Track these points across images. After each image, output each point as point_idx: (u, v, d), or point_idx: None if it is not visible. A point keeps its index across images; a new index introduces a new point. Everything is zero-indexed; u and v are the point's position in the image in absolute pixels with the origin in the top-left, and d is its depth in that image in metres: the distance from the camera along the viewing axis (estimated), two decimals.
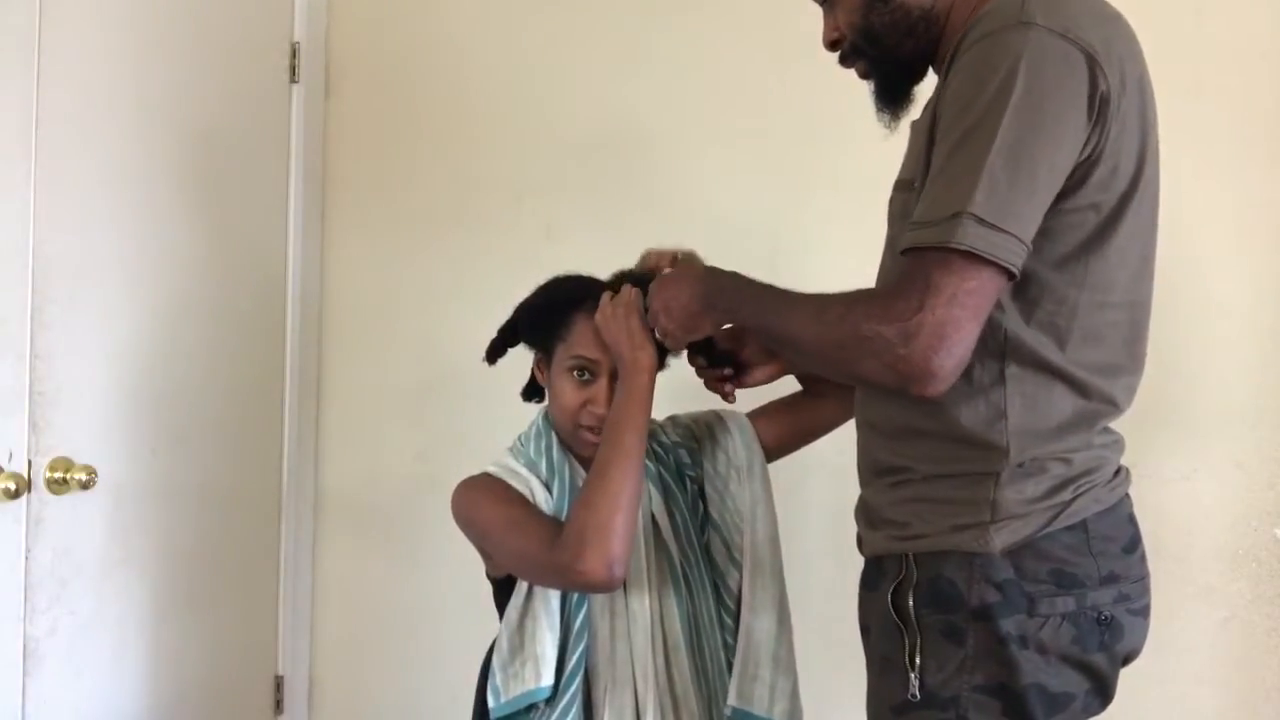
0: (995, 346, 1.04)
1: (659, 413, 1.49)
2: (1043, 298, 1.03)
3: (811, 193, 1.96)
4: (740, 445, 1.40)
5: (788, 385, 1.44)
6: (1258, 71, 1.74)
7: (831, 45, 1.22)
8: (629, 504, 1.22)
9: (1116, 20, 1.07)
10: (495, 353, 1.41)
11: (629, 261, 1.40)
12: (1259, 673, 1.74)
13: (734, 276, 1.20)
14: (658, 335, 1.28)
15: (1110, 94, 0.99)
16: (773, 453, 1.43)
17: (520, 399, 1.47)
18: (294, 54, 2.26)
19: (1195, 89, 1.74)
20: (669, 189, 2.04)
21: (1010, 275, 0.97)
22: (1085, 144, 0.99)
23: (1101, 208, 1.03)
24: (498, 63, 2.21)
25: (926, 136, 1.06)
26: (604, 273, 1.43)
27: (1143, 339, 1.12)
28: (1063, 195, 1.00)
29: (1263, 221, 1.74)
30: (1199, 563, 1.76)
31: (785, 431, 1.45)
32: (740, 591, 1.35)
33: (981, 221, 0.94)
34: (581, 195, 2.13)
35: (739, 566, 1.36)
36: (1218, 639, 1.76)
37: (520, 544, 1.28)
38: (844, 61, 1.22)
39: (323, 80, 2.32)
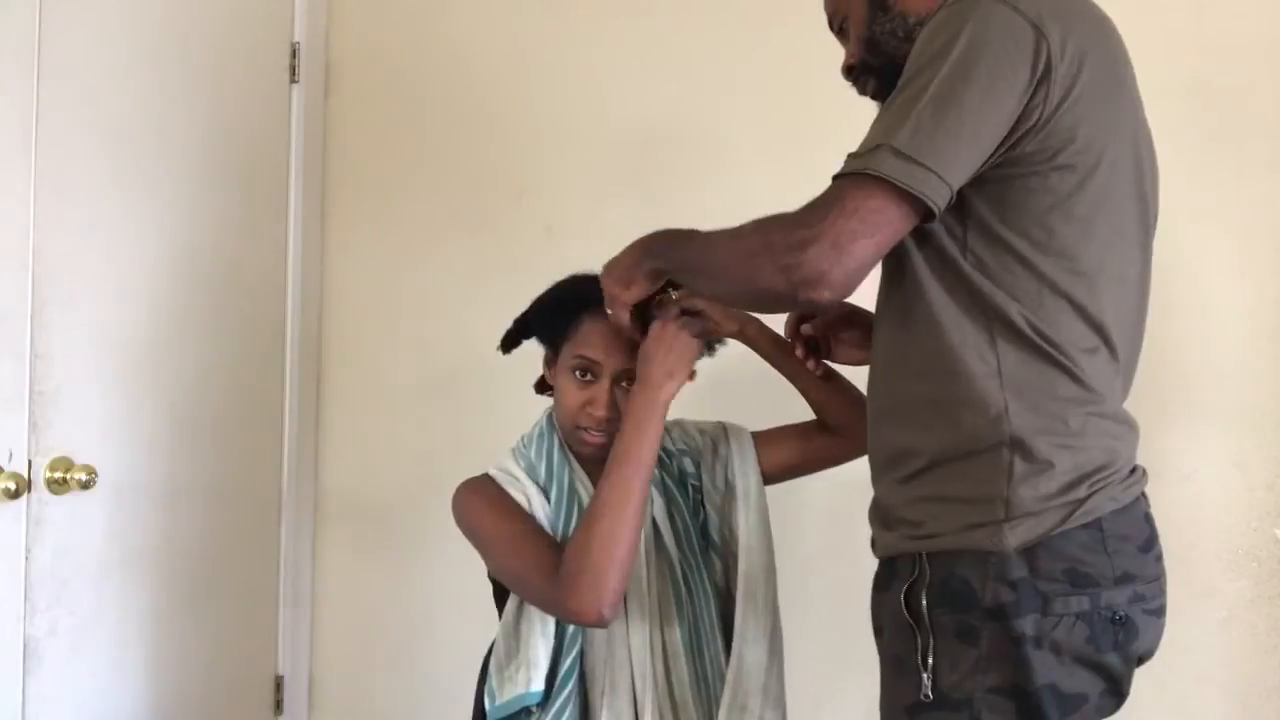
0: (981, 310, 1.06)
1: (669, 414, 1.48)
2: (1014, 265, 1.05)
3: (813, 194, 1.95)
4: (739, 470, 1.39)
5: (801, 411, 1.43)
6: (1258, 71, 1.74)
7: (849, 70, 1.26)
8: (626, 546, 1.21)
9: (1090, 10, 1.10)
10: (510, 343, 1.41)
11: None
12: (1259, 673, 1.74)
13: (676, 230, 1.23)
14: (606, 301, 1.28)
15: (1055, 64, 1.01)
16: (770, 478, 1.41)
17: (521, 398, 1.47)
18: (294, 54, 2.26)
19: (1195, 89, 1.74)
20: (669, 189, 2.04)
21: (928, 211, 1.00)
22: (1030, 110, 1.01)
23: (1064, 175, 1.04)
24: (498, 62, 2.20)
25: None
26: None
27: (1123, 319, 1.11)
28: (1017, 160, 1.03)
29: (1263, 221, 1.74)
30: (1199, 563, 1.75)
31: (791, 460, 1.42)
32: (733, 607, 1.34)
33: (899, 153, 0.98)
34: (581, 195, 2.12)
35: (732, 585, 1.35)
36: (1218, 639, 1.75)
37: (517, 568, 1.29)
38: (858, 83, 1.25)
39: (323, 80, 2.32)
